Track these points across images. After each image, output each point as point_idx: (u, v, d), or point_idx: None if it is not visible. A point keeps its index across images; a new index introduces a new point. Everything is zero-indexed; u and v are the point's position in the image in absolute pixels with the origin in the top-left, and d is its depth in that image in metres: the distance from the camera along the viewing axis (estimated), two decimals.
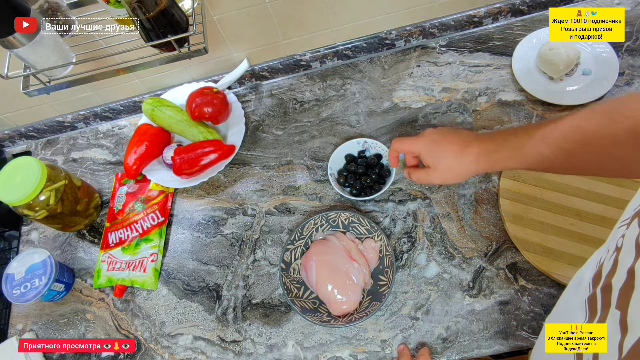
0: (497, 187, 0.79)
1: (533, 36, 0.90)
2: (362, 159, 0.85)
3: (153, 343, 0.79)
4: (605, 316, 0.36)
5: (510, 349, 0.68)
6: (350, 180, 0.83)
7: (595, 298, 0.39)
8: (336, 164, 0.85)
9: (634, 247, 0.34)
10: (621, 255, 0.36)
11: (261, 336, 0.76)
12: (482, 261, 0.74)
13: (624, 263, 0.35)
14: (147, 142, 0.90)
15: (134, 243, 0.86)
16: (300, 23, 0.91)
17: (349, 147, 0.85)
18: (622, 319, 0.33)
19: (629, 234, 0.36)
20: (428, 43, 0.97)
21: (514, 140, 0.56)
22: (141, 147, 0.89)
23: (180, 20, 0.69)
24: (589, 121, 0.50)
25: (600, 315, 0.37)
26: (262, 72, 1.00)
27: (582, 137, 0.50)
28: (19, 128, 1.06)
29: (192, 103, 0.89)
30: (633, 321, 0.32)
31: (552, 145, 0.52)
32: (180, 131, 0.92)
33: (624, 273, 0.34)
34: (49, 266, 0.82)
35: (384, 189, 0.79)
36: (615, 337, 0.33)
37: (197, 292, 0.82)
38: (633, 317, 0.32)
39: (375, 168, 0.83)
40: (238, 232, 0.86)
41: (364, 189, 0.81)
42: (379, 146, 0.83)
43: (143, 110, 0.94)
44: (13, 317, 0.87)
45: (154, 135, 0.92)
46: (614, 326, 0.34)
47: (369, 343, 0.72)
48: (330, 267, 0.74)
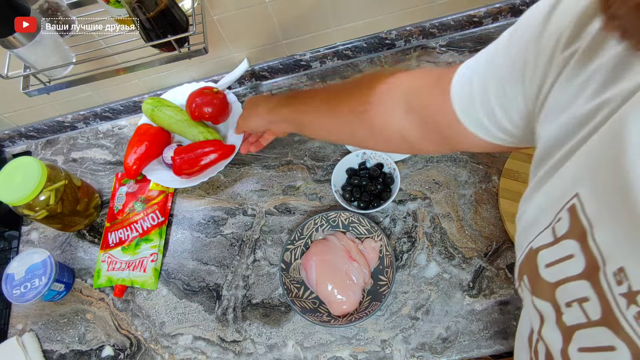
0: (497, 187, 0.79)
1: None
2: (364, 170, 0.84)
3: (153, 343, 0.79)
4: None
5: (510, 349, 0.68)
6: (356, 194, 0.82)
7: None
8: (339, 180, 0.84)
9: (536, 312, 0.34)
10: (532, 319, 0.37)
11: (261, 336, 0.76)
12: (482, 261, 0.74)
13: (535, 329, 0.36)
14: (147, 142, 0.90)
15: (134, 243, 0.86)
16: (300, 23, 0.91)
17: (349, 161, 0.84)
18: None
19: (525, 297, 0.36)
20: (428, 43, 0.97)
21: (295, 95, 0.68)
22: (141, 147, 0.89)
23: (180, 20, 0.69)
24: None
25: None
26: (262, 72, 1.00)
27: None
28: (19, 128, 1.06)
29: (192, 103, 0.89)
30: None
31: (312, 112, 0.62)
32: (180, 131, 0.92)
33: (540, 339, 0.35)
34: (49, 266, 0.82)
35: (392, 198, 0.78)
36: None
37: (197, 292, 0.82)
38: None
39: (379, 177, 0.82)
40: (238, 232, 0.86)
41: (372, 201, 0.81)
42: (379, 155, 0.83)
43: (143, 110, 0.93)
44: (13, 317, 0.87)
45: (154, 136, 0.92)
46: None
47: (369, 343, 0.72)
48: (330, 267, 0.74)
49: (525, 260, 0.34)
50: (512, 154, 0.80)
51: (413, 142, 0.52)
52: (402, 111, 0.51)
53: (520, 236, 0.36)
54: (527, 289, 0.35)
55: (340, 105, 0.58)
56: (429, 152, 0.53)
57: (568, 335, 0.30)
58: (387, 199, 0.79)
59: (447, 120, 0.44)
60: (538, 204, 0.34)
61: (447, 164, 0.84)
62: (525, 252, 0.34)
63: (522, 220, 0.36)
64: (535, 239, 0.33)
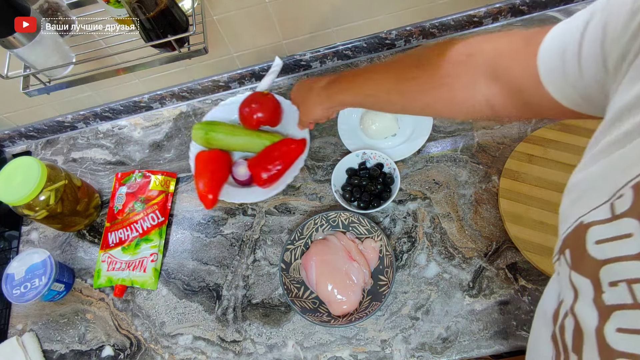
0: (497, 187, 0.79)
1: None
2: (364, 170, 0.83)
3: (153, 343, 0.79)
4: (567, 358, 0.35)
5: (510, 349, 0.68)
6: (356, 194, 0.82)
7: (556, 337, 0.38)
8: (339, 180, 0.84)
9: (571, 287, 0.33)
10: (563, 294, 0.36)
11: (261, 336, 0.76)
12: (482, 261, 0.74)
13: (567, 303, 0.35)
14: (212, 168, 0.86)
15: (134, 243, 0.86)
16: (300, 23, 0.91)
17: (349, 161, 0.84)
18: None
19: (562, 272, 0.35)
20: (428, 43, 0.97)
21: (348, 73, 0.67)
22: (210, 175, 0.85)
23: (180, 20, 0.69)
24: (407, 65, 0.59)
25: (564, 357, 0.36)
26: (262, 72, 1.00)
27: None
28: (19, 128, 1.06)
29: (247, 112, 0.86)
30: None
31: (378, 87, 0.61)
32: (243, 147, 0.88)
33: (570, 314, 0.34)
34: (49, 266, 0.82)
35: (392, 198, 0.78)
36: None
37: (197, 292, 0.82)
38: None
39: (379, 177, 0.82)
40: (238, 232, 0.86)
41: (372, 201, 0.80)
42: (379, 155, 0.83)
43: (194, 138, 0.89)
44: (13, 317, 0.87)
45: (216, 160, 0.87)
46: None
47: (369, 343, 0.72)
48: (330, 267, 0.74)
49: (572, 234, 0.33)
50: (512, 154, 0.80)
51: (498, 109, 0.52)
52: (485, 79, 0.50)
53: (569, 208, 0.34)
54: (566, 262, 0.34)
55: (412, 83, 0.57)
56: (512, 117, 0.52)
57: (606, 314, 0.29)
58: (387, 199, 0.79)
59: (531, 84, 0.44)
60: (596, 175, 0.32)
61: (447, 164, 0.84)
62: (573, 225, 0.33)
63: (573, 192, 0.34)
64: (588, 214, 0.31)
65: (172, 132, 1.01)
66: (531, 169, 0.78)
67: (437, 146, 0.86)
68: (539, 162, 0.79)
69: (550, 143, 0.80)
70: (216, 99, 1.02)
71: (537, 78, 0.43)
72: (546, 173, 0.78)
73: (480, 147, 0.84)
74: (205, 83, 1.01)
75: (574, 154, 0.78)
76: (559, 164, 0.78)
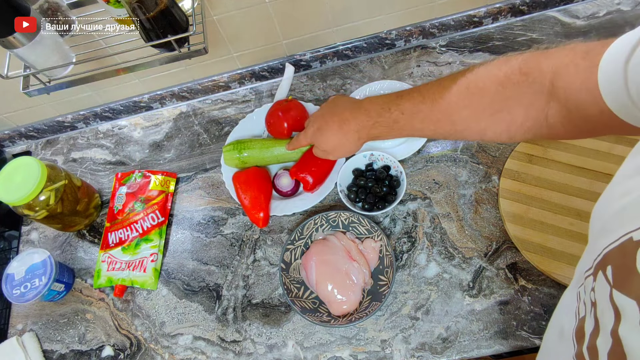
0: (497, 187, 0.79)
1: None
2: (370, 172, 0.83)
3: (153, 343, 0.79)
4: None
5: (510, 349, 0.68)
6: (361, 195, 0.81)
7: (583, 357, 0.35)
8: (344, 180, 0.84)
9: (611, 307, 0.30)
10: (599, 314, 0.33)
11: (261, 336, 0.76)
12: (482, 261, 0.74)
13: (604, 324, 0.32)
14: (255, 186, 0.83)
15: (134, 243, 0.86)
16: (300, 23, 0.91)
17: (356, 161, 0.84)
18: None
19: (599, 289, 0.33)
20: (428, 43, 0.97)
21: (388, 116, 0.64)
22: (255, 193, 0.83)
23: (180, 20, 0.69)
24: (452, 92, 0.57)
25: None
26: (262, 72, 1.00)
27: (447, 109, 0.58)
28: (19, 128, 1.06)
29: (279, 121, 0.85)
30: None
31: (425, 121, 0.60)
32: (277, 158, 0.86)
33: (608, 336, 0.31)
34: (49, 266, 0.82)
35: (397, 201, 0.78)
36: None
37: (197, 292, 0.82)
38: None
39: (385, 180, 0.82)
40: (238, 232, 0.86)
41: (376, 203, 0.80)
42: (386, 157, 0.82)
43: (226, 162, 0.87)
44: (13, 317, 0.87)
45: (255, 178, 0.85)
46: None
47: (369, 343, 0.72)
48: (330, 267, 0.74)
49: (618, 250, 0.30)
50: (512, 154, 0.80)
51: (556, 128, 0.51)
52: (544, 98, 0.49)
53: (615, 219, 0.31)
54: (606, 280, 0.31)
55: (465, 112, 0.56)
56: (568, 136, 0.51)
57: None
58: (392, 201, 0.78)
59: (591, 99, 0.43)
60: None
61: (447, 164, 0.84)
62: (620, 241, 0.30)
63: (622, 200, 0.31)
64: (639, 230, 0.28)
65: (172, 132, 1.01)
66: (531, 169, 0.78)
67: (437, 146, 0.86)
68: (539, 162, 0.79)
69: (550, 143, 0.80)
70: (216, 99, 1.02)
71: (597, 92, 0.42)
72: (546, 173, 0.78)
73: (480, 147, 0.84)
74: (205, 83, 1.01)
75: (574, 154, 0.78)
76: (559, 164, 0.78)
